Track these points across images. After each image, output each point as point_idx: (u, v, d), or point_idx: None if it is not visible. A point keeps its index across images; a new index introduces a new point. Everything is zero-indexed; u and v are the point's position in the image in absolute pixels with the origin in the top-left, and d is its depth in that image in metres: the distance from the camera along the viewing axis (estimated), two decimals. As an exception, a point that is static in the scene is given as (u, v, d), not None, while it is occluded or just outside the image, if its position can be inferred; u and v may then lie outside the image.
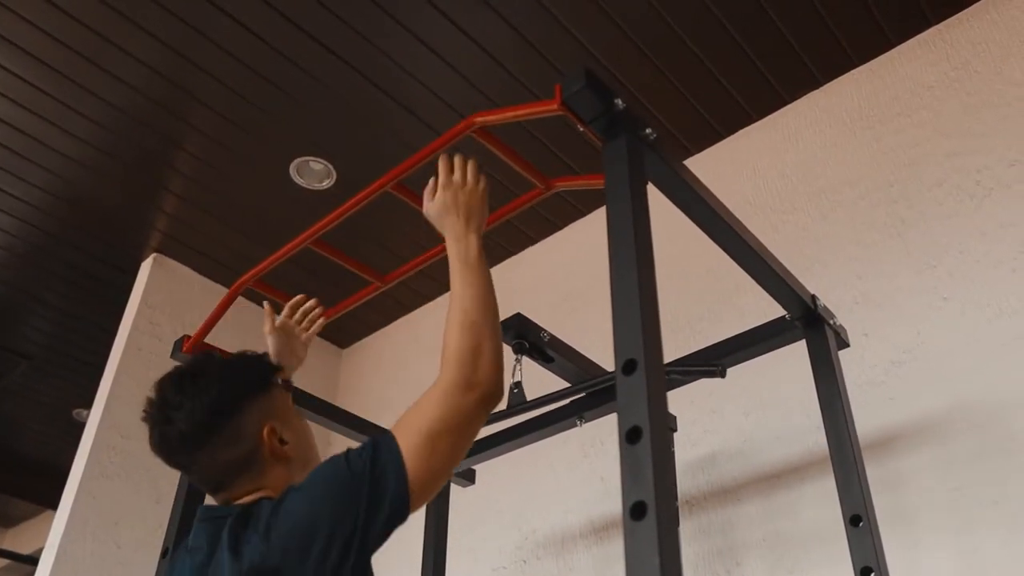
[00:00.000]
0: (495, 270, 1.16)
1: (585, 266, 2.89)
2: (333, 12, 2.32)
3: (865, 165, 2.32)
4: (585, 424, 2.01)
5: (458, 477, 2.30)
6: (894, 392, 1.97)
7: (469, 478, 2.37)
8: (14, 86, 2.55)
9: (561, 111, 1.21)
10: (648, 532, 0.83)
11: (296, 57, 2.46)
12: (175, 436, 1.17)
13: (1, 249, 3.21)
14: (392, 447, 1.05)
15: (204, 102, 2.61)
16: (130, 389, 2.98)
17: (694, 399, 2.23)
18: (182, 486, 1.75)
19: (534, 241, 3.15)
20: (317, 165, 2.83)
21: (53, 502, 2.95)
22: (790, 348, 1.75)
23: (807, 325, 1.67)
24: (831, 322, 1.67)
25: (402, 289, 2.23)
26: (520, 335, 1.84)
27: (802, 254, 2.30)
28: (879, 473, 1.85)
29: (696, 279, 2.50)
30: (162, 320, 3.18)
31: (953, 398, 1.87)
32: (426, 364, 3.17)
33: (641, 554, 0.82)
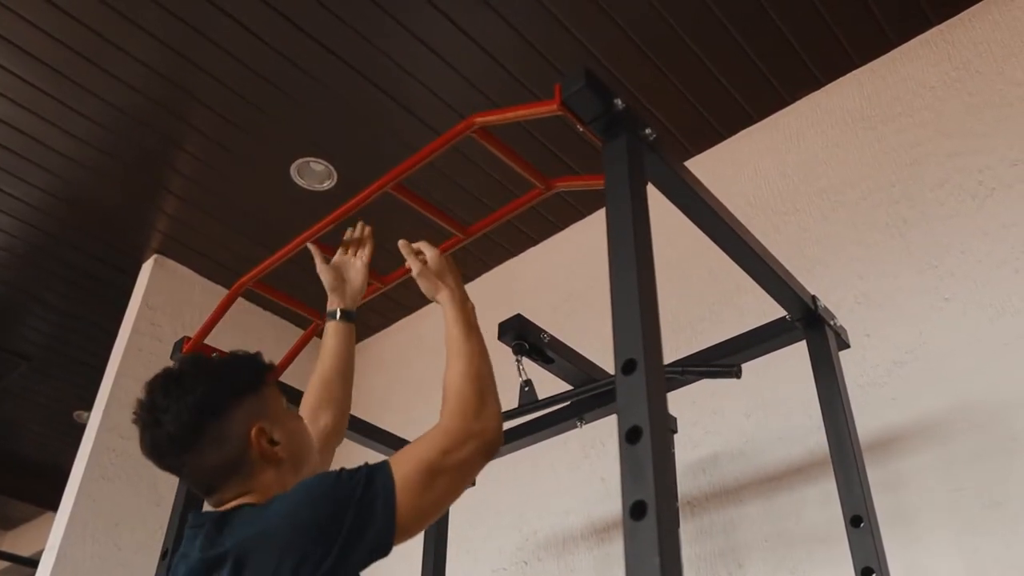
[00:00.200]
0: (496, 270, 1.16)
1: (585, 267, 2.88)
2: (333, 12, 2.31)
3: (867, 165, 2.31)
4: (585, 425, 2.01)
5: (458, 478, 2.29)
6: (895, 392, 1.97)
7: (469, 479, 2.36)
8: (14, 86, 2.55)
9: (561, 111, 1.20)
10: (648, 532, 0.83)
11: (296, 57, 2.46)
12: (163, 439, 1.16)
13: (1, 250, 3.21)
14: (387, 477, 1.04)
15: (204, 102, 2.61)
16: (130, 391, 2.98)
17: (695, 400, 2.22)
18: (181, 488, 1.75)
19: (535, 242, 3.14)
20: (318, 166, 2.83)
21: (53, 504, 2.95)
22: (791, 349, 1.75)
23: (808, 326, 1.67)
24: (832, 322, 1.67)
25: (403, 290, 2.22)
26: (520, 336, 1.83)
27: (803, 254, 2.30)
28: (880, 474, 1.84)
29: (696, 280, 2.49)
30: (162, 321, 3.18)
31: (955, 398, 1.86)
32: (428, 365, 3.17)
33: (641, 554, 0.82)
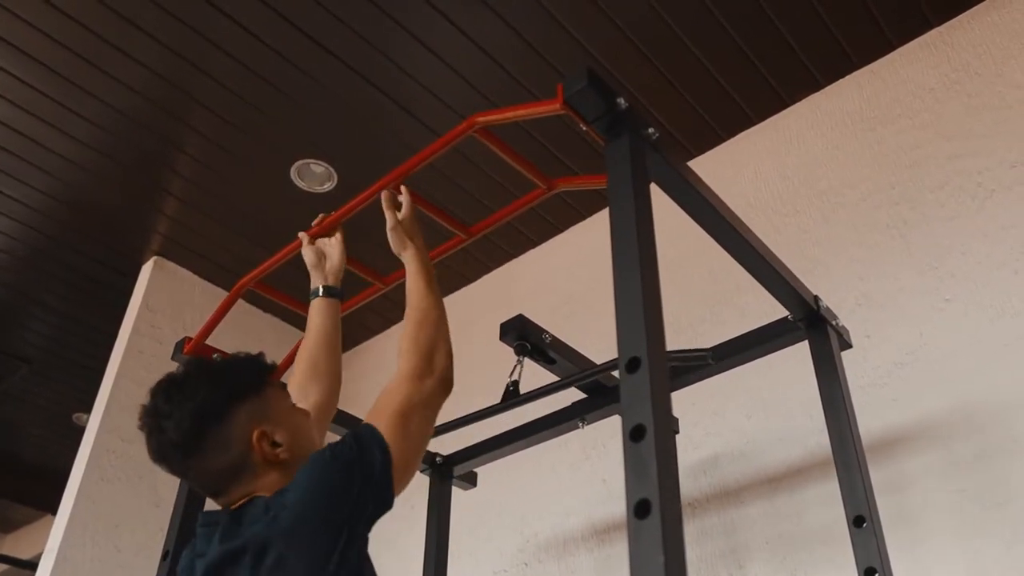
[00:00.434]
0: (496, 272, 1.17)
1: (587, 269, 2.88)
2: (333, 13, 2.31)
3: (867, 167, 2.32)
4: (587, 426, 2.01)
5: (459, 480, 2.28)
6: (897, 393, 1.96)
7: (471, 480, 2.35)
8: (13, 88, 2.55)
9: (563, 110, 1.20)
10: (652, 530, 0.82)
11: (296, 58, 2.45)
12: (167, 445, 1.17)
13: (1, 252, 3.20)
14: (372, 430, 1.13)
15: (204, 104, 2.61)
16: (130, 393, 2.98)
17: (696, 401, 2.22)
18: (182, 490, 1.75)
19: (536, 243, 3.14)
20: (318, 168, 2.82)
21: (53, 506, 2.94)
22: (792, 349, 1.75)
23: (809, 326, 1.67)
24: (833, 323, 1.67)
25: (403, 292, 2.22)
26: (522, 336, 1.83)
27: (804, 255, 2.30)
28: (882, 474, 1.84)
29: (698, 280, 2.49)
30: (163, 323, 3.18)
31: (956, 399, 1.86)
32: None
33: (646, 553, 0.82)
